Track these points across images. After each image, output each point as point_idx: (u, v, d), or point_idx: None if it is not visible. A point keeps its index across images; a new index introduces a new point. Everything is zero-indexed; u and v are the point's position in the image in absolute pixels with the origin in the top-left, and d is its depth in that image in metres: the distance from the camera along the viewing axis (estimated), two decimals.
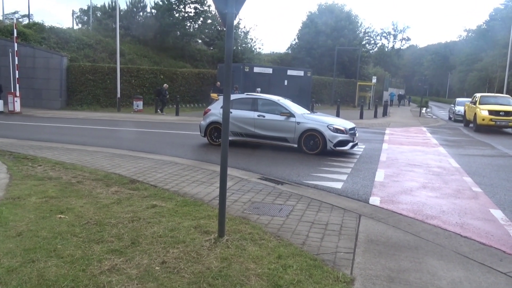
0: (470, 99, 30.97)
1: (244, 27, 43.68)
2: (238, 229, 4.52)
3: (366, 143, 13.15)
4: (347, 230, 4.74)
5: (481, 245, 4.55)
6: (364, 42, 55.94)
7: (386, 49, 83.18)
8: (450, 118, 29.47)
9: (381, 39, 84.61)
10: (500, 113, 18.44)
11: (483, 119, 18.50)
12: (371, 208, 5.82)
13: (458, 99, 30.44)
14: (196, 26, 36.56)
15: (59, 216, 4.75)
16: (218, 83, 25.01)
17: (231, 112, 10.84)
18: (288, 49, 50.88)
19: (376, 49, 77.68)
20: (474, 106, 19.99)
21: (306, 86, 29.59)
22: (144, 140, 12.37)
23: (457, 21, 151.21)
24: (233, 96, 11.35)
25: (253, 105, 11.31)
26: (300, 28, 47.45)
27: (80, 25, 44.25)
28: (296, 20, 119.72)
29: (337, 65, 38.69)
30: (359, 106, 24.95)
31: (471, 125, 21.07)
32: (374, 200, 6.26)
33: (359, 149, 11.62)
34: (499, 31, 61.64)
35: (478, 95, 20.90)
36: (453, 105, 29.55)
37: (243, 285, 3.30)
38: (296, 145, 10.71)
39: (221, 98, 11.64)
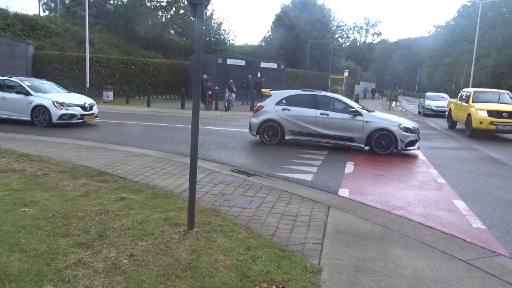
0: (439, 94, 31.96)
1: (217, 18, 43.41)
2: (208, 221, 4.52)
3: None
4: (316, 221, 4.82)
5: (444, 235, 4.72)
6: (336, 36, 56.64)
7: (358, 43, 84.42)
8: (419, 113, 30.21)
9: (353, 33, 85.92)
10: (503, 114, 13.93)
11: (481, 122, 14.06)
12: (340, 199, 5.92)
13: (428, 94, 31.23)
14: (169, 16, 36.01)
15: (23, 209, 4.61)
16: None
17: (289, 110, 10.64)
18: (261, 41, 50.83)
19: (348, 43, 78.77)
20: (466, 104, 15.61)
21: (279, 79, 29.70)
22: (114, 132, 12.14)
23: (426, 17, 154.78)
24: (288, 92, 11.15)
25: (313, 102, 10.69)
26: (274, 20, 47.41)
27: (47, 12, 42.70)
28: (269, 12, 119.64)
29: (310, 58, 38.95)
30: None
31: (458, 126, 17.69)
32: (343, 191, 6.38)
33: None
34: (466, 28, 63.51)
35: (470, 90, 16.38)
36: (422, 99, 30.30)
37: (212, 276, 3.31)
38: (363, 145, 10.32)
39: (274, 93, 11.06)
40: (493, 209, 5.86)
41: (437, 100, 28.50)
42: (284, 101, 10.77)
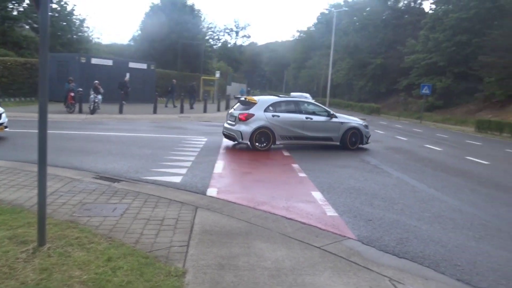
0: (302, 93, 34.49)
1: (80, 15, 40.33)
2: (63, 235, 4.15)
3: (208, 136, 13.50)
4: (183, 224, 4.78)
5: (302, 225, 5.10)
6: (207, 37, 57.18)
7: (229, 45, 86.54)
8: None
9: (224, 35, 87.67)
10: None
11: None
12: (208, 199, 5.98)
13: (292, 94, 33.49)
14: (21, 9, 32.22)
15: None
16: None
17: (279, 116, 11.29)
18: (130, 40, 48.90)
19: (219, 45, 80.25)
20: None
21: (149, 80, 28.87)
22: None
23: (291, 22, 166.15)
24: (273, 99, 11.76)
25: (297, 107, 11.81)
26: (143, 19, 46.00)
27: None
28: (138, 10, 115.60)
29: (181, 59, 38.66)
30: (203, 100, 25.44)
31: None
32: (212, 191, 6.46)
33: (201, 142, 11.84)
34: (324, 34, 69.91)
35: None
36: None
37: None
38: (339, 143, 12.09)
39: (259, 101, 11.43)
40: (344, 198, 6.53)
41: None
42: (271, 108, 11.39)
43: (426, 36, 40.29)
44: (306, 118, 11.65)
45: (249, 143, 10.97)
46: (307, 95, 34.52)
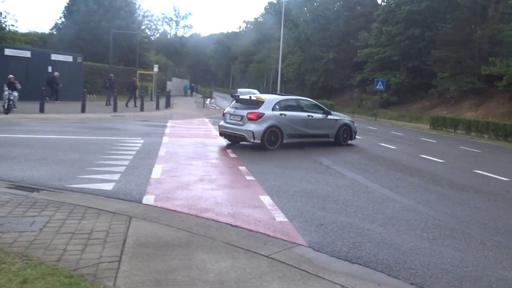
0: (250, 89, 34.70)
1: None
2: None
3: (146, 137, 13.22)
4: (115, 236, 4.63)
5: (249, 232, 5.12)
6: (143, 27, 56.01)
7: (169, 36, 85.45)
8: None
9: (162, 24, 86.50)
10: None
11: None
12: (144, 208, 5.85)
13: (240, 90, 33.62)
14: None
15: None
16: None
17: (285, 115, 12.34)
18: (52, 29, 46.79)
19: (158, 35, 78.99)
20: None
21: (76, 74, 27.85)
22: None
23: (237, 12, 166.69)
24: (278, 98, 12.84)
25: (298, 105, 13.13)
26: (67, 5, 44.11)
27: None
28: None
29: (114, 51, 37.60)
30: (140, 97, 24.89)
31: None
32: (148, 199, 6.32)
33: (137, 144, 11.57)
34: (273, 25, 70.86)
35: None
36: None
37: None
38: (333, 140, 13.75)
39: (267, 100, 12.28)
40: (295, 201, 6.64)
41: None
42: (277, 106, 12.32)
43: (379, 29, 41.96)
44: (308, 116, 12.98)
45: (261, 142, 11.77)
46: (255, 91, 34.85)
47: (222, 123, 12.72)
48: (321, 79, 51.82)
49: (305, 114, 12.94)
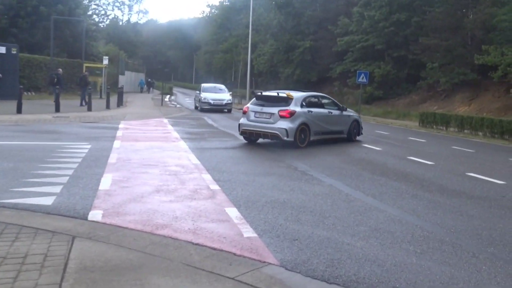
0: (216, 85, 34.70)
1: None
2: None
3: (93, 141, 13.04)
4: (54, 260, 4.54)
5: (213, 251, 5.11)
6: (90, 13, 55.28)
7: (121, 23, 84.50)
8: (196, 107, 32.16)
9: (113, 9, 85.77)
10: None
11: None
12: (90, 225, 5.76)
13: (204, 85, 33.53)
14: None
15: None
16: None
17: (312, 112, 13.87)
18: None
19: (108, 22, 78.09)
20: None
21: (10, 68, 27.16)
22: None
23: None
24: (304, 95, 14.30)
25: (320, 102, 14.85)
26: None
27: None
28: None
29: (56, 41, 36.90)
30: (88, 94, 24.52)
31: None
32: (95, 214, 6.23)
33: (83, 150, 11.39)
34: (241, 9, 71.08)
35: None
36: (198, 92, 32.32)
37: None
38: (346, 136, 15.57)
39: (295, 97, 13.58)
40: (265, 213, 6.66)
41: (215, 93, 30.91)
42: (304, 103, 13.70)
43: (360, 13, 42.60)
44: (329, 112, 14.79)
45: (293, 140, 13.12)
46: (222, 86, 34.89)
47: (244, 121, 13.92)
48: (296, 71, 52.14)
49: (326, 110, 14.73)
